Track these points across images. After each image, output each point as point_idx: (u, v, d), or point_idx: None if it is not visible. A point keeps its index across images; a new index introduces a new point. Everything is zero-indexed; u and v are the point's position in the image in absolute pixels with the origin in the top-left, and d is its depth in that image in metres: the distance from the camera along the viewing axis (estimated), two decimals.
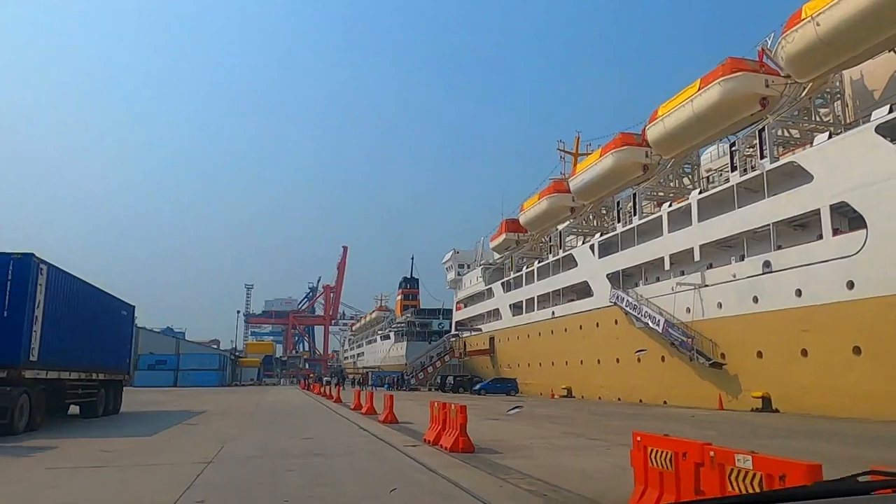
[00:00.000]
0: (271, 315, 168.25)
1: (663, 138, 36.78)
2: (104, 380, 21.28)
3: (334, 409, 26.18)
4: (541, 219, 54.26)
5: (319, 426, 18.48)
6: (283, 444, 13.59)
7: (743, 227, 29.50)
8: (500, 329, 60.15)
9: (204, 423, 19.07)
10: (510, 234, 61.35)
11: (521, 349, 54.51)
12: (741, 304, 29.04)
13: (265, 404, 32.30)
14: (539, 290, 51.95)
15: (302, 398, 41.03)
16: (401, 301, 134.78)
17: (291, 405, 31.93)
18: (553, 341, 48.19)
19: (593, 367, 41.99)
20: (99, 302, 20.90)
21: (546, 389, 48.49)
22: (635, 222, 38.86)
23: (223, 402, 35.04)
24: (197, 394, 47.49)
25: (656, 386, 35.08)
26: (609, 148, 42.46)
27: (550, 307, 49.47)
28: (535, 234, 58.79)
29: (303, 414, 24.56)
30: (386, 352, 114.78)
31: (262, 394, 50.53)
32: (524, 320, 54.38)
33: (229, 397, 42.33)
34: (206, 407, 27.89)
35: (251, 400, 37.85)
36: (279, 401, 37.20)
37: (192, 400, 36.84)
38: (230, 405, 30.70)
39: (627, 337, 37.93)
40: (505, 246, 62.96)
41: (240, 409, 27.78)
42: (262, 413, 25.05)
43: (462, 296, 73.56)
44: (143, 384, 75.76)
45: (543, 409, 29.88)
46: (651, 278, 37.97)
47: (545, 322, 49.72)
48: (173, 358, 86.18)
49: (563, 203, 51.25)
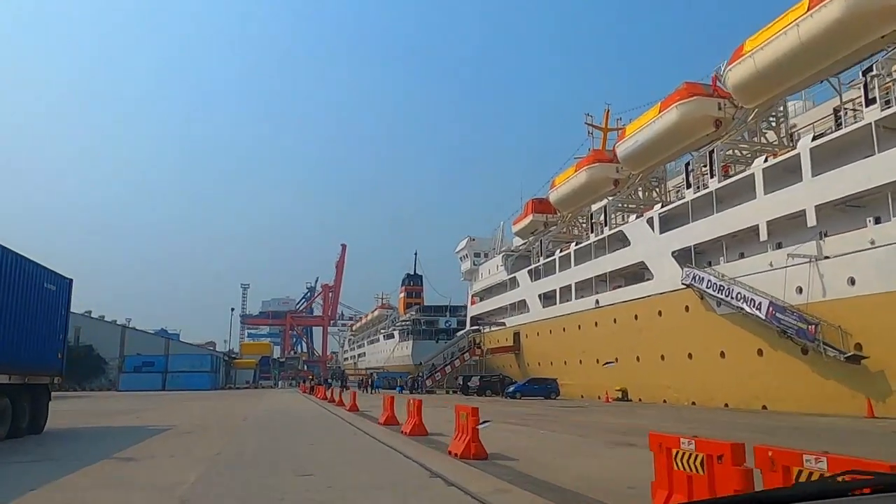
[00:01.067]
0: (268, 316, 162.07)
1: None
2: (13, 384, 14.06)
3: (357, 425, 18.77)
4: (577, 194, 46.96)
5: (351, 470, 9.86)
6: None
7: (888, 178, 22.30)
8: (526, 323, 52.91)
9: (150, 453, 11.73)
10: (537, 216, 54.01)
11: (555, 345, 47.26)
12: (888, 279, 21.85)
13: (258, 414, 24.95)
14: (577, 276, 44.73)
15: (305, 405, 33.78)
16: (404, 298, 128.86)
17: (292, 415, 24.63)
18: (598, 335, 40.96)
19: (655, 365, 34.76)
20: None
21: (588, 391, 41.28)
22: (713, 186, 31.65)
23: (206, 410, 27.77)
24: (181, 399, 40.20)
25: (751, 386, 27.85)
26: (673, 100, 35.22)
27: (593, 295, 42.26)
28: (567, 215, 51.61)
29: (311, 431, 17.22)
30: (390, 351, 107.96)
31: (256, 398, 43.23)
32: (558, 312, 47.14)
33: (216, 403, 35.04)
34: (177, 420, 20.62)
35: (242, 407, 30.59)
36: (277, 409, 29.88)
37: (170, 408, 29.60)
38: (212, 416, 23.40)
39: (705, 326, 30.77)
40: (531, 229, 55.63)
41: (222, 421, 20.43)
42: (250, 430, 17.66)
43: (479, 288, 66.28)
44: (129, 388, 69.76)
45: (615, 416, 22.60)
46: (733, 254, 30.80)
47: (586, 313, 42.50)
48: (161, 359, 79.10)
49: (605, 174, 44.04)
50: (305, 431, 16.76)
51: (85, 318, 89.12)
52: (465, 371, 55.54)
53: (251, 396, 48.64)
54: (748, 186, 29.00)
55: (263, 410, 27.87)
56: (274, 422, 20.22)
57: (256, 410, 27.50)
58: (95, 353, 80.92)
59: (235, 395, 52.74)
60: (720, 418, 22.55)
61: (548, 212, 53.60)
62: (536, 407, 31.43)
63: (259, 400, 39.94)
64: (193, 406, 31.20)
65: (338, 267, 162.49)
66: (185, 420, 20.42)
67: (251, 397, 46.40)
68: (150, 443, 13.60)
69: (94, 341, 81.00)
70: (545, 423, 20.17)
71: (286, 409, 29.71)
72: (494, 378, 46.52)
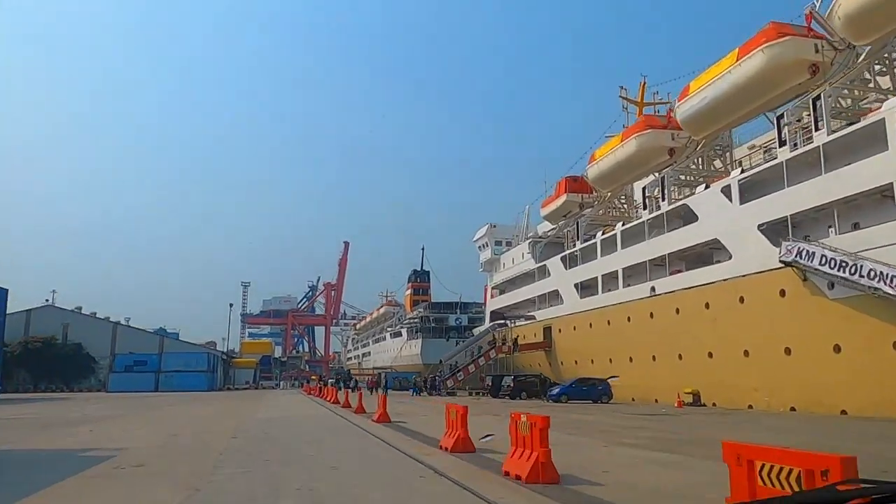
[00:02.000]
0: (269, 314, 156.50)
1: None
2: None
3: (405, 449, 12.57)
4: (623, 167, 40.78)
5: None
6: None
7: None
8: (559, 316, 46.83)
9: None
10: (572, 196, 47.83)
11: (596, 340, 41.21)
12: None
13: (253, 426, 18.79)
14: (625, 260, 38.69)
15: (314, 409, 27.82)
16: (411, 296, 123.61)
17: (302, 427, 18.48)
18: (654, 328, 34.89)
19: (735, 362, 28.67)
20: None
21: (642, 394, 35.27)
22: (820, 140, 25.55)
23: (188, 420, 21.79)
24: (166, 403, 34.27)
25: (885, 388, 21.73)
26: (757, 42, 29.06)
27: (647, 282, 36.21)
28: (607, 194, 45.61)
29: (337, 462, 10.97)
30: (397, 350, 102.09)
31: (255, 401, 37.27)
32: (600, 302, 41.06)
33: (206, 409, 29.07)
34: (138, 438, 14.60)
35: (236, 414, 24.59)
36: (280, 416, 23.80)
37: (142, 417, 23.65)
38: (191, 430, 17.31)
39: (810, 314, 24.70)
40: (563, 211, 49.52)
41: (201, 441, 14.26)
42: (237, 460, 11.30)
43: (500, 279, 60.21)
44: (119, 389, 63.01)
45: (719, 429, 16.53)
46: (845, 225, 24.72)
47: (638, 302, 36.44)
48: (155, 358, 73.18)
49: (658, 143, 37.88)
50: (328, 461, 10.63)
51: (74, 315, 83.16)
52: (486, 371, 49.46)
53: (250, 399, 42.60)
54: (874, 137, 22.91)
55: (262, 419, 21.81)
56: (277, 441, 14.10)
57: (253, 420, 21.43)
58: (85, 352, 75.32)
59: (232, 398, 46.81)
60: (872, 430, 16.71)
61: (584, 191, 47.51)
62: (594, 412, 25.46)
63: (258, 403, 33.93)
64: (175, 414, 25.28)
65: (340, 264, 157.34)
66: (149, 439, 14.34)
67: (249, 400, 40.41)
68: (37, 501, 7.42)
69: (84, 339, 75.47)
70: (622, 434, 15.09)
71: (292, 416, 23.64)
72: (532, 378, 40.38)
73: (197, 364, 72.81)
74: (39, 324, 73.58)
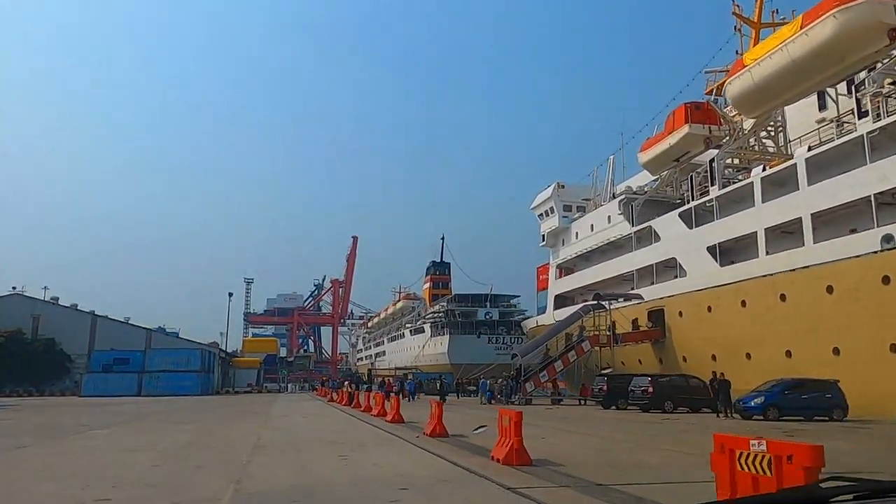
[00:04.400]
0: (274, 313, 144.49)
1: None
2: None
3: None
4: (804, 68, 26.76)
5: None
6: None
7: None
8: (679, 294, 33.79)
9: None
10: (695, 128, 34.52)
11: (755, 324, 28.11)
12: None
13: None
14: (815, 201, 25.65)
15: (368, 436, 14.90)
16: (430, 289, 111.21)
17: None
18: (890, 300, 21.81)
19: None
20: None
21: (864, 404, 22.13)
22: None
23: (112, 469, 8.80)
24: (117, 417, 21.60)
25: None
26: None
27: (861, 232, 23.18)
28: (741, 125, 32.75)
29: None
30: (419, 349, 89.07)
31: (258, 415, 24.41)
32: (761, 268, 27.98)
33: (166, 435, 16.10)
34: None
35: (225, 444, 11.74)
36: (314, 472, 10.64)
37: (71, 438, 10.64)
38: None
39: None
40: (679, 152, 36.07)
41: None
42: None
43: (571, 252, 47.10)
44: (94, 392, 51.81)
45: None
46: None
47: (850, 263, 23.39)
48: (138, 356, 60.35)
49: (875, 18, 24.38)
50: None
51: (46, 305, 70.08)
52: (578, 369, 36.22)
53: (251, 411, 29.41)
54: None
55: (271, 479, 8.82)
56: None
57: (258, 472, 8.45)
58: (58, 348, 62.88)
59: (227, 406, 33.88)
60: None
61: (711, 122, 34.43)
62: None
63: (264, 422, 20.88)
64: (74, 457, 12.41)
65: (349, 260, 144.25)
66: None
67: (251, 413, 27.32)
68: None
69: (58, 333, 63.14)
70: None
71: (360, 476, 10.43)
72: (694, 382, 26.81)
73: (189, 363, 60.08)
74: (3, 315, 61.47)
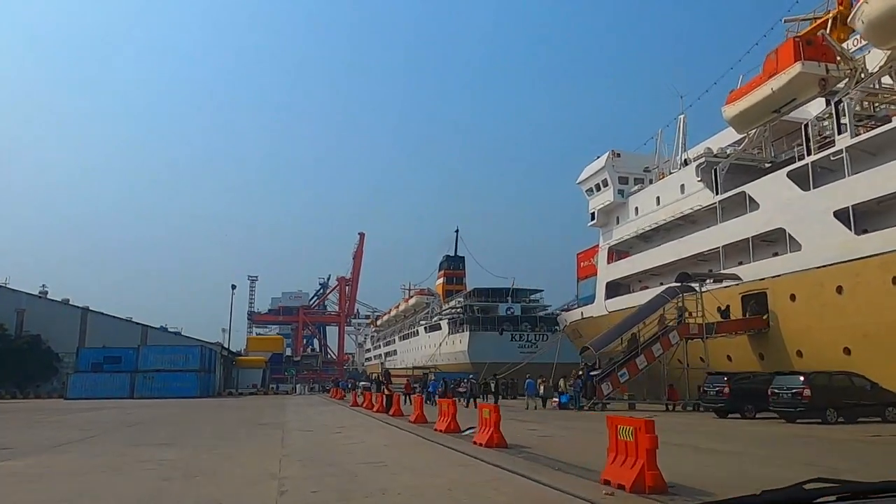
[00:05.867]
0: (278, 312, 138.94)
1: None
2: None
3: None
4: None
5: None
6: None
7: None
8: (790, 273, 27.09)
9: None
10: (809, 65, 27.70)
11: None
12: None
13: None
14: None
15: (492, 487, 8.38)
16: (443, 284, 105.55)
17: None
18: None
19: None
20: None
21: None
22: None
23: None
24: (101, 429, 15.52)
25: None
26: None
27: None
28: (862, 64, 26.32)
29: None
30: (436, 347, 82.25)
31: (271, 428, 17.85)
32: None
33: (121, 482, 9.59)
34: None
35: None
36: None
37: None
38: None
39: None
40: (784, 98, 29.20)
41: None
42: None
43: (629, 231, 40.46)
44: (81, 394, 47.54)
45: None
46: None
47: None
48: (131, 354, 53.82)
49: None
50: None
51: (32, 299, 63.58)
52: (660, 364, 29.49)
53: (258, 421, 22.62)
54: None
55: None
56: None
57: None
58: (45, 346, 56.49)
59: (228, 412, 27.27)
60: None
61: (829, 59, 27.72)
62: None
63: (280, 441, 14.28)
64: None
65: (355, 257, 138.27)
66: None
67: (258, 425, 20.61)
68: None
69: (45, 330, 56.69)
70: None
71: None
72: (860, 382, 19.41)
73: (186, 361, 53.68)
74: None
